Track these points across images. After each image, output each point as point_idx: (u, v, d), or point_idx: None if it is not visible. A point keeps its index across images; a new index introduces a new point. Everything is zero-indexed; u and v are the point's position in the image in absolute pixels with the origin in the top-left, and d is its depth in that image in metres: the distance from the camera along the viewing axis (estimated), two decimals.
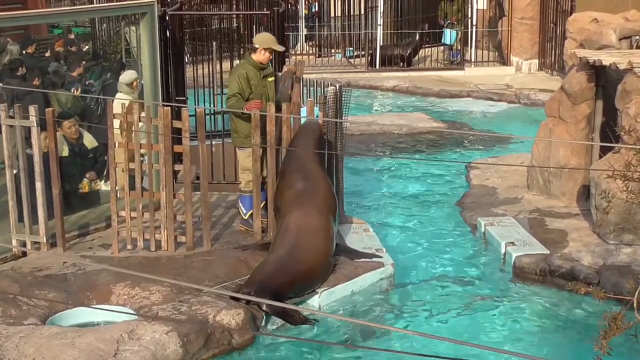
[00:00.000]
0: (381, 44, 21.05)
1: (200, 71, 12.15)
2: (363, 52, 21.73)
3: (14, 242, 8.58)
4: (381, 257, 8.62)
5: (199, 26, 15.80)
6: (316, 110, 9.02)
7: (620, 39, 11.85)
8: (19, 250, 8.47)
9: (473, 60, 21.01)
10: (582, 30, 14.89)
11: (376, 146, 14.29)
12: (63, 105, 10.71)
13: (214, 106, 11.84)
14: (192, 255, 8.52)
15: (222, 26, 17.48)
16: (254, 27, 12.51)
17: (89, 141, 9.87)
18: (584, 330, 7.56)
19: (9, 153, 8.37)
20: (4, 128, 8.43)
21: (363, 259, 8.53)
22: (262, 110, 8.62)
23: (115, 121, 8.54)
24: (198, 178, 9.24)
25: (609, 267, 8.38)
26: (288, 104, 8.85)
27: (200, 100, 11.92)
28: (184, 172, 8.62)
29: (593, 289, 5.31)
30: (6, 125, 8.38)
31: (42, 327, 6.91)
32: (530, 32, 20.22)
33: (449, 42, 20.84)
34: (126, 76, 10.18)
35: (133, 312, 7.22)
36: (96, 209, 9.63)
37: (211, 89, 11.95)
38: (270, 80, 9.10)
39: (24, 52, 13.04)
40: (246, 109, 8.64)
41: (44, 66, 12.30)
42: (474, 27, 21.04)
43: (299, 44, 23.35)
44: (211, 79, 11.96)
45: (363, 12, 22.38)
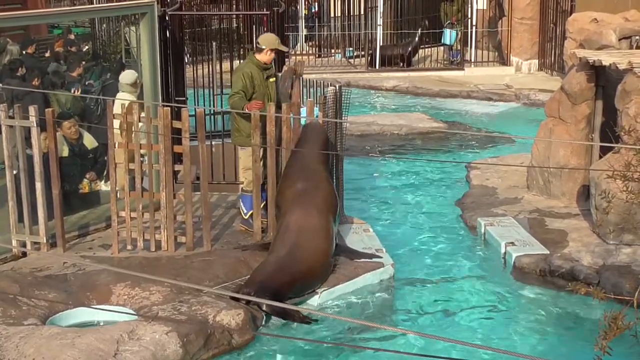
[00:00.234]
0: (381, 44, 21.06)
1: (200, 71, 12.14)
2: (363, 52, 21.74)
3: (14, 242, 8.58)
4: (381, 257, 8.62)
5: (199, 26, 15.82)
6: (316, 110, 9.01)
7: (620, 39, 11.83)
8: (19, 250, 8.46)
9: (473, 61, 21.02)
10: (582, 30, 14.87)
11: (376, 146, 14.28)
12: (63, 106, 10.69)
13: (213, 106, 11.83)
14: (192, 255, 8.52)
15: (222, 26, 17.49)
16: (253, 27, 12.51)
17: (89, 141, 9.88)
18: (583, 330, 7.55)
19: (9, 153, 8.36)
20: (3, 128, 8.42)
21: (363, 259, 8.53)
22: (262, 111, 8.62)
23: (115, 121, 8.54)
24: (198, 178, 9.24)
25: (609, 267, 8.36)
26: (288, 104, 8.85)
27: (200, 100, 11.91)
28: (184, 173, 8.61)
29: (593, 289, 5.32)
30: (6, 125, 8.37)
31: (42, 327, 6.91)
32: (530, 32, 20.23)
33: (448, 42, 20.84)
34: (127, 76, 10.13)
35: (133, 313, 7.21)
36: (96, 209, 9.63)
37: (211, 89, 11.94)
38: (272, 80, 9.11)
39: (23, 52, 13.01)
40: (247, 109, 8.64)
41: (44, 66, 12.28)
42: (474, 27, 21.05)
43: (298, 44, 23.36)
44: (211, 79, 11.95)
45: (363, 12, 22.39)
